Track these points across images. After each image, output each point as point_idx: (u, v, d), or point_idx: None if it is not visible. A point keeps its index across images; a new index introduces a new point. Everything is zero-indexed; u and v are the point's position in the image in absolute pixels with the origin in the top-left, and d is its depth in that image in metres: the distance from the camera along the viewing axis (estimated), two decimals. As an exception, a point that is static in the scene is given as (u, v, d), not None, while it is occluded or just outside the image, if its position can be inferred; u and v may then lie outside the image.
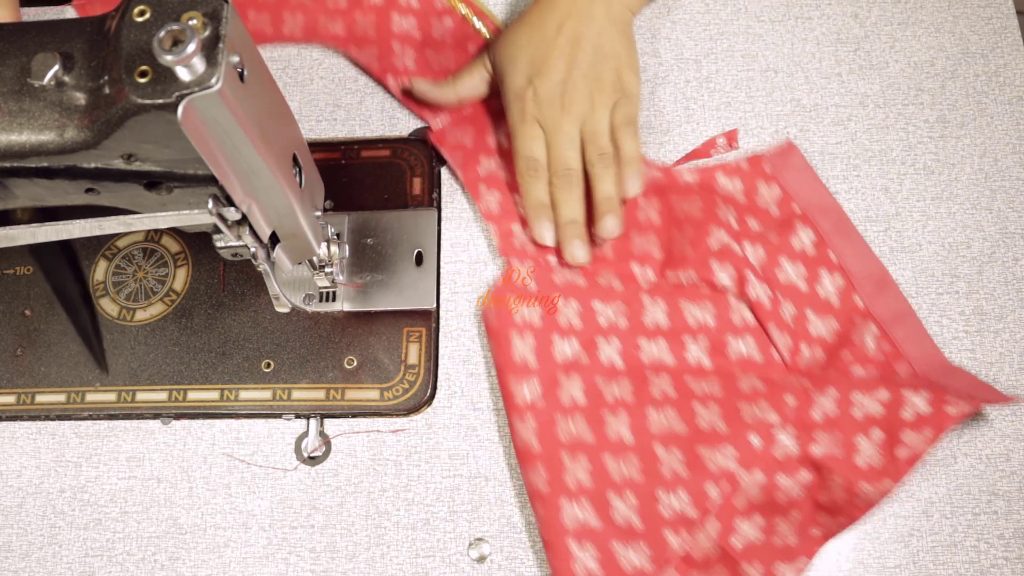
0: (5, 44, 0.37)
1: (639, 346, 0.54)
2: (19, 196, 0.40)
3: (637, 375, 0.53)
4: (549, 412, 0.51)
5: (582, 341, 0.53)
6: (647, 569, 0.49)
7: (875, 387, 0.50)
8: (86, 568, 0.53)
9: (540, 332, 0.53)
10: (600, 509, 0.50)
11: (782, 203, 0.57)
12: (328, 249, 0.53)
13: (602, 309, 0.54)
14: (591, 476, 0.50)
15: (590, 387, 0.52)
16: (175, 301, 0.58)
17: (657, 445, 0.51)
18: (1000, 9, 0.62)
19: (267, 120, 0.39)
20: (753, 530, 0.50)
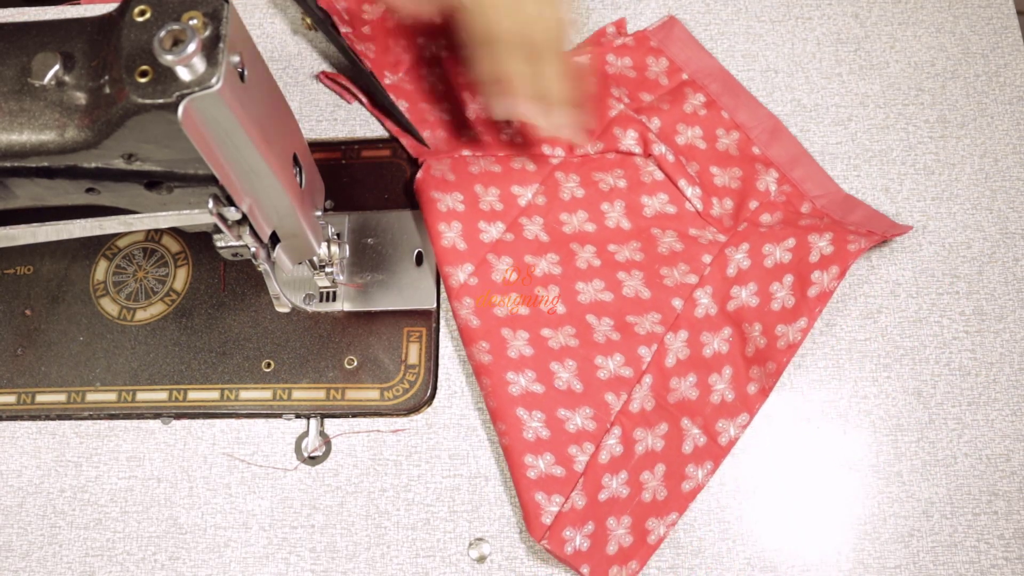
0: (5, 44, 0.37)
1: (560, 220, 0.57)
2: (19, 196, 0.40)
3: (563, 248, 0.56)
4: (484, 291, 0.54)
5: (507, 223, 0.56)
6: (590, 428, 0.52)
7: (783, 237, 0.54)
8: (86, 568, 0.53)
9: (465, 218, 0.56)
10: (543, 377, 0.53)
11: (670, 73, 0.61)
12: (328, 249, 0.53)
13: (521, 191, 0.57)
14: (531, 346, 0.53)
15: (520, 264, 0.55)
16: (175, 301, 0.58)
17: (589, 315, 0.54)
18: (1000, 9, 0.62)
19: (267, 120, 0.39)
20: (687, 387, 0.53)
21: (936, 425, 0.53)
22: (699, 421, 0.52)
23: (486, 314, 0.54)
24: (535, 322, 0.54)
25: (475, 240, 0.55)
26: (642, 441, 0.51)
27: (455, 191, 0.56)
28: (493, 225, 0.56)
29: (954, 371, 0.54)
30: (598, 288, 0.55)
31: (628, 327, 0.54)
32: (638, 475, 0.51)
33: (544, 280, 0.55)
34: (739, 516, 0.52)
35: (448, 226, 0.55)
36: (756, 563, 0.51)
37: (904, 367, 0.54)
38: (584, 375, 0.53)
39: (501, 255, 0.55)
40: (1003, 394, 0.53)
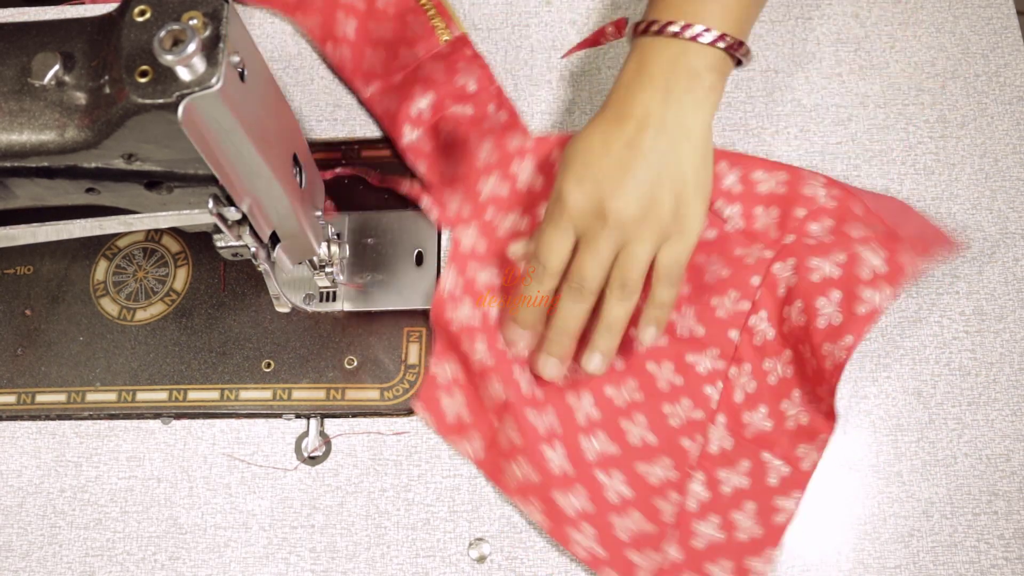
0: (5, 44, 0.37)
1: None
2: (19, 196, 0.40)
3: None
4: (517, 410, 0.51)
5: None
6: (673, 478, 0.50)
7: (832, 249, 0.51)
8: (86, 568, 0.53)
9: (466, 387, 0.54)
10: (616, 436, 0.51)
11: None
12: (328, 249, 0.53)
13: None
14: (598, 409, 0.51)
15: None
16: (175, 301, 0.58)
17: (649, 363, 0.53)
18: (1000, 9, 0.62)
19: (267, 120, 0.39)
20: (760, 419, 0.51)
21: (936, 425, 0.53)
22: (779, 451, 0.50)
23: (548, 386, 0.52)
24: (598, 382, 0.52)
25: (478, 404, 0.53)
26: (727, 482, 0.50)
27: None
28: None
29: (954, 371, 0.54)
30: (631, 388, 0.52)
31: (689, 368, 0.52)
32: (729, 516, 0.49)
33: (575, 384, 0.52)
34: (739, 516, 0.52)
35: (451, 398, 0.54)
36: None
37: (904, 367, 0.54)
38: (656, 426, 0.51)
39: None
40: (1003, 394, 0.53)
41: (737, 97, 0.61)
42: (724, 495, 0.50)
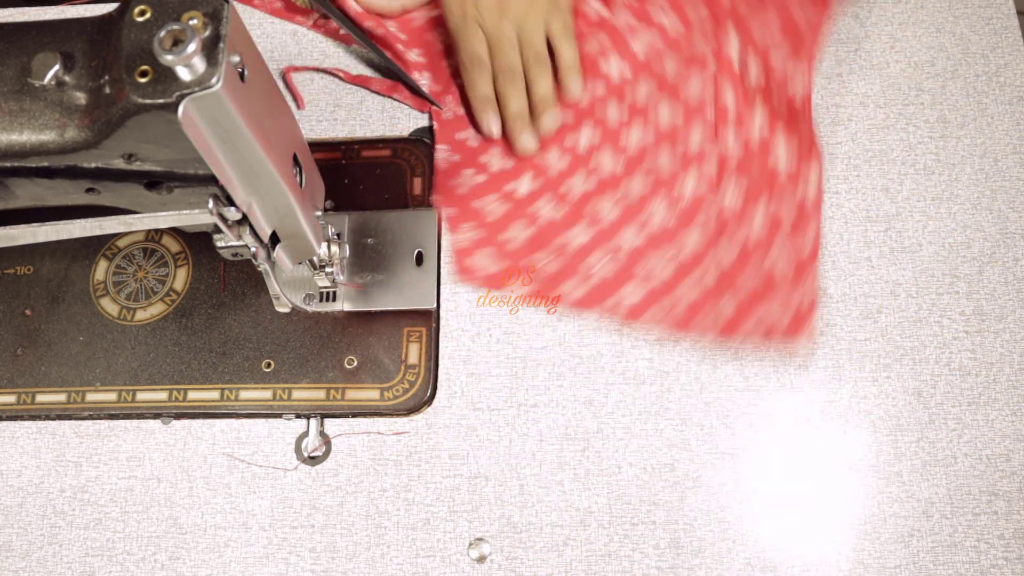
0: (5, 44, 0.36)
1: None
2: (19, 196, 0.40)
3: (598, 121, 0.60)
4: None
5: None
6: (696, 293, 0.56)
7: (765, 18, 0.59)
8: (86, 568, 0.53)
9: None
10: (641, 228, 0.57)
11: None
12: (328, 249, 0.53)
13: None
14: (617, 208, 0.58)
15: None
16: (175, 301, 0.58)
17: (644, 164, 0.59)
18: (1000, 9, 0.62)
19: (267, 120, 0.39)
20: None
21: (936, 425, 0.53)
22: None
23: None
24: (604, 188, 0.58)
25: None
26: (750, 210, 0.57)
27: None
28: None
29: (954, 371, 0.54)
30: (638, 136, 0.58)
31: (680, 155, 0.58)
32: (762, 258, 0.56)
33: (588, 151, 0.59)
34: (739, 516, 0.52)
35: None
36: (756, 563, 0.51)
37: (904, 367, 0.54)
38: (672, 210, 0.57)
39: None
40: (1003, 394, 0.53)
41: (737, 97, 0.61)
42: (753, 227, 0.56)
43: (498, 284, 0.57)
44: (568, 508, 0.53)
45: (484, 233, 0.58)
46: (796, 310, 0.54)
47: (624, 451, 0.53)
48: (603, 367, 0.55)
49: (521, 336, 0.56)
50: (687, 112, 0.59)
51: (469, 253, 0.57)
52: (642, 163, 0.58)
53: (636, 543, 0.52)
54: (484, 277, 0.57)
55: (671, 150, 0.58)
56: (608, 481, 0.53)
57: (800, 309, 0.54)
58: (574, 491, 0.53)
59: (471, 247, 0.58)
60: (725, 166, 0.57)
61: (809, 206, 0.56)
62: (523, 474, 0.53)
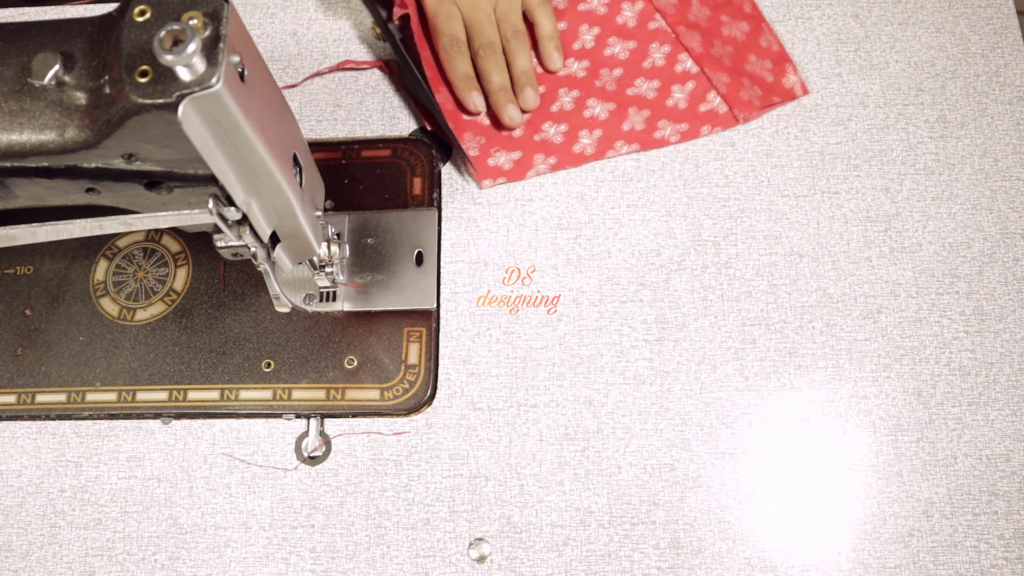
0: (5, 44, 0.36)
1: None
2: (19, 196, 0.40)
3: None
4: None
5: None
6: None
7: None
8: (86, 568, 0.53)
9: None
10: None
11: None
12: (328, 249, 0.53)
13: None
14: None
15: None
16: (175, 301, 0.58)
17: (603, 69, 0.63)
18: (1000, 9, 0.62)
19: (267, 120, 0.39)
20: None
21: (936, 425, 0.53)
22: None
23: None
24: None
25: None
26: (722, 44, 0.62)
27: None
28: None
29: (954, 371, 0.54)
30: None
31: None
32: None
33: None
34: (739, 516, 0.52)
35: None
36: (756, 563, 0.51)
37: (904, 367, 0.54)
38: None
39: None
40: (1003, 394, 0.53)
41: (737, 97, 0.61)
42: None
43: (520, 174, 0.60)
44: (568, 508, 0.53)
45: (487, 138, 0.61)
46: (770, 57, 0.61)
47: (624, 451, 0.53)
48: (603, 367, 0.55)
49: (521, 336, 0.56)
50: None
51: (486, 155, 0.60)
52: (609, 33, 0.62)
53: (636, 543, 0.52)
54: (508, 171, 0.60)
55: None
56: (608, 481, 0.53)
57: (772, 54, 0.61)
58: (574, 491, 0.53)
59: (482, 152, 0.61)
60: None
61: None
62: (523, 474, 0.53)
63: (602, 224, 0.58)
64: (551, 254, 0.58)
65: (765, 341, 0.55)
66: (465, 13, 0.60)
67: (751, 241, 0.57)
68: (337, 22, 0.65)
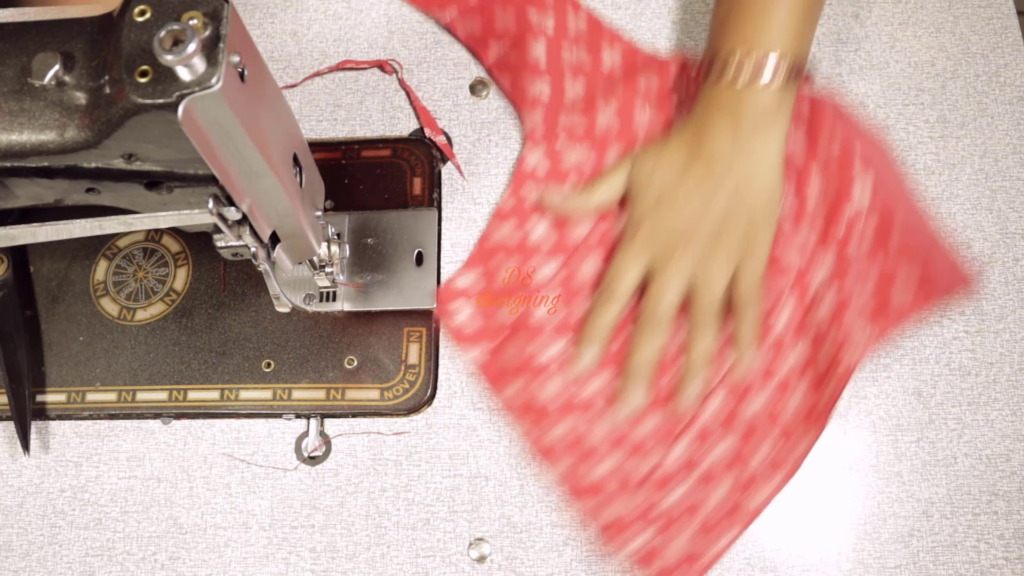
0: (5, 44, 0.36)
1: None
2: (19, 196, 0.40)
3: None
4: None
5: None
6: (618, 479, 0.51)
7: (865, 276, 0.52)
8: (86, 568, 0.53)
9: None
10: (575, 430, 0.52)
11: (843, 154, 0.54)
12: (328, 249, 0.53)
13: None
14: (564, 396, 0.53)
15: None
16: (175, 301, 0.58)
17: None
18: (1000, 9, 0.62)
19: (267, 120, 0.39)
20: (721, 448, 0.52)
21: (936, 425, 0.53)
22: (767, 440, 0.51)
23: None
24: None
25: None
26: (710, 454, 0.51)
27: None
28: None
29: (954, 371, 0.54)
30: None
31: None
32: (702, 489, 0.51)
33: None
34: (739, 516, 0.52)
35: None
36: (756, 563, 0.51)
37: (904, 367, 0.54)
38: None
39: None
40: (1003, 394, 0.53)
41: (737, 97, 0.61)
42: (702, 465, 0.51)
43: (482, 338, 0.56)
44: (568, 508, 0.53)
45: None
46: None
47: (624, 451, 0.53)
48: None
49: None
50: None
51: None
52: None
53: (636, 543, 0.52)
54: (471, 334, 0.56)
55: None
56: (608, 481, 0.53)
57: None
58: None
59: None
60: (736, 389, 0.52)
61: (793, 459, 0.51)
62: (523, 474, 0.53)
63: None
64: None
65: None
66: (653, 270, 0.51)
67: (751, 241, 0.57)
68: (337, 22, 0.65)
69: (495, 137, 0.61)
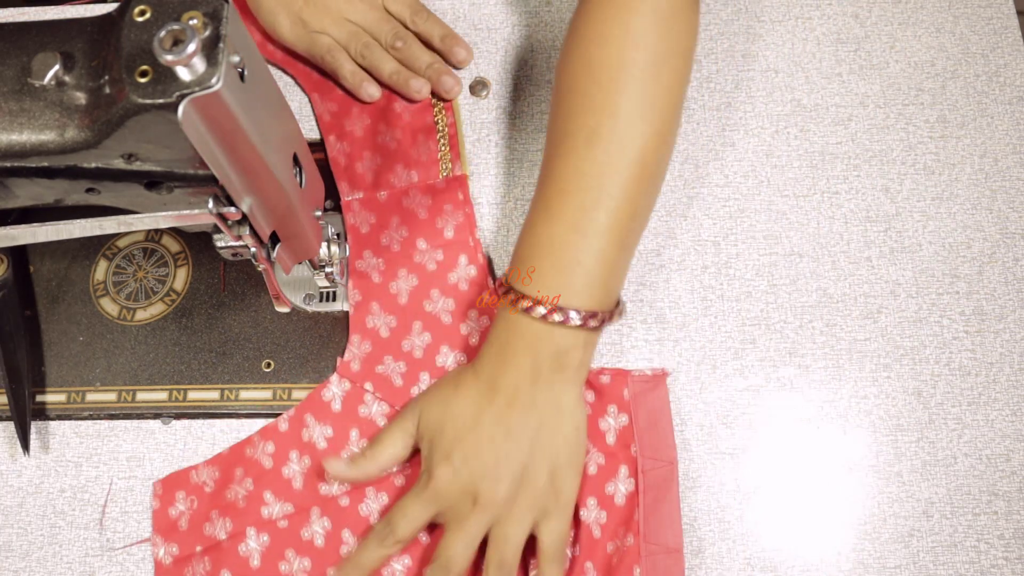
0: (5, 44, 0.37)
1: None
2: (19, 196, 0.40)
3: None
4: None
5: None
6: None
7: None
8: (86, 568, 0.53)
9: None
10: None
11: (621, 436, 0.52)
12: (328, 249, 0.53)
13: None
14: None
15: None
16: (175, 301, 0.58)
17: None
18: (1000, 9, 0.62)
19: (267, 120, 0.39)
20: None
21: (936, 425, 0.53)
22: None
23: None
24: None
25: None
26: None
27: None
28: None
29: (954, 371, 0.54)
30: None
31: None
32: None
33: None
34: (739, 516, 0.52)
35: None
36: (756, 563, 0.51)
37: (904, 367, 0.54)
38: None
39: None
40: (1003, 394, 0.53)
41: (737, 97, 0.61)
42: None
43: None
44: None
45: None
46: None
47: (624, 451, 0.53)
48: (604, 367, 0.55)
49: (521, 336, 0.56)
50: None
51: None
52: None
53: (636, 543, 0.52)
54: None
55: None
56: (608, 481, 0.53)
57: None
58: (574, 491, 0.53)
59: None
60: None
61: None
62: (523, 474, 0.53)
63: (602, 224, 0.58)
64: (551, 254, 0.58)
65: (765, 341, 0.55)
66: (449, 522, 0.48)
67: (751, 241, 0.57)
68: (337, 22, 0.65)
69: (495, 137, 0.61)
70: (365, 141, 0.60)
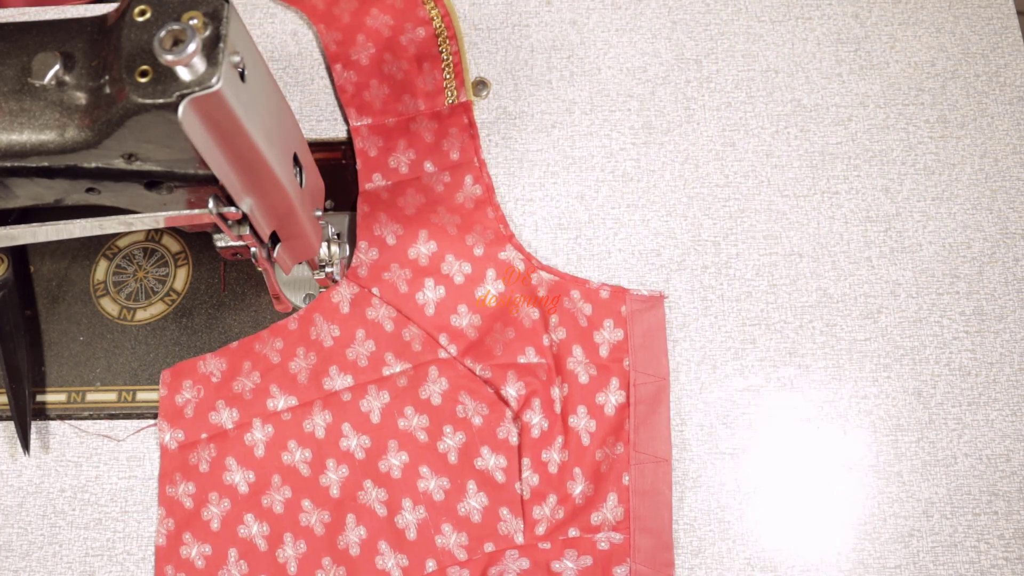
0: (5, 44, 0.37)
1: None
2: (19, 196, 0.40)
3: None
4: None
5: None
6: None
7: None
8: (86, 568, 0.53)
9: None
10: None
11: (615, 350, 0.54)
12: (328, 249, 0.53)
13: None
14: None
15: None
16: (175, 301, 0.58)
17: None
18: (1000, 9, 0.62)
19: (268, 120, 0.39)
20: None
21: (936, 425, 0.53)
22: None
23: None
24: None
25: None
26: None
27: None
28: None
29: (954, 371, 0.54)
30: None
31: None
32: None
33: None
34: (739, 516, 0.52)
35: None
36: (756, 563, 0.51)
37: (904, 367, 0.54)
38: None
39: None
40: (1003, 394, 0.53)
41: (737, 97, 0.61)
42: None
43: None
44: (568, 508, 0.53)
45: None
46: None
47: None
48: (603, 367, 0.55)
49: (521, 336, 0.56)
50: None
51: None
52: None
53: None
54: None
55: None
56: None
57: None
58: (574, 491, 0.53)
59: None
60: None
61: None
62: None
63: (602, 224, 0.58)
64: (551, 254, 0.58)
65: (765, 341, 0.55)
66: None
67: (751, 241, 0.57)
68: (337, 22, 0.65)
69: (495, 137, 0.61)
70: (371, 70, 0.61)
